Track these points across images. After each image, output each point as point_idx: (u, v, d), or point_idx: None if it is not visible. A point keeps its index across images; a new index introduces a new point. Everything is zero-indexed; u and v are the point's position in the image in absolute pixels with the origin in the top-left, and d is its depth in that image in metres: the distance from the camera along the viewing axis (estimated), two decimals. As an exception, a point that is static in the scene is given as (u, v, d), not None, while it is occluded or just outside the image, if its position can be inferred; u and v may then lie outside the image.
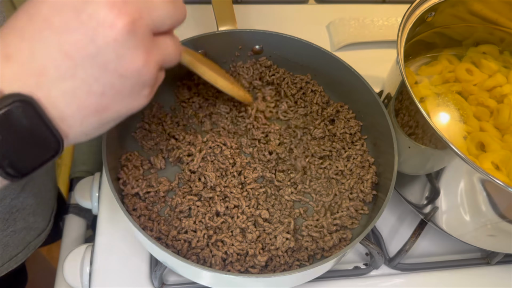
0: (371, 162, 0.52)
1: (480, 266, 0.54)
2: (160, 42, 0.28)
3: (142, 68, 0.26)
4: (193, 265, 0.37)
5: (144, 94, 0.28)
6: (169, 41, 0.29)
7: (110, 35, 0.24)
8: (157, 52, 0.27)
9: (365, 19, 0.74)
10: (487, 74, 0.55)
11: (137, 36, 0.25)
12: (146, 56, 0.26)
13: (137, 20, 0.25)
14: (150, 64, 0.26)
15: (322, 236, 0.47)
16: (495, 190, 0.39)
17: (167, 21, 0.27)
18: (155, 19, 0.26)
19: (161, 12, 0.27)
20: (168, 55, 0.29)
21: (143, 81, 0.27)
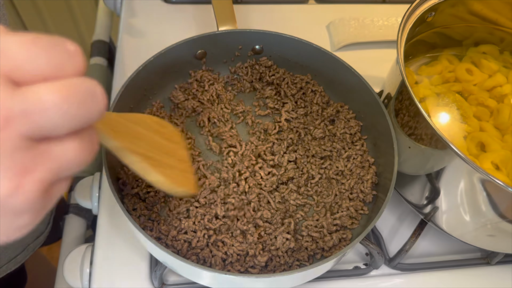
0: (371, 162, 0.52)
1: (480, 266, 0.54)
2: (52, 149, 0.20)
3: (8, 197, 0.18)
4: (193, 265, 0.37)
5: (21, 225, 0.20)
6: (70, 144, 0.20)
7: None
8: (43, 166, 0.19)
9: (365, 19, 0.74)
10: (487, 74, 0.55)
11: None
12: (15, 180, 0.18)
13: (3, 130, 0.17)
14: (24, 188, 0.19)
15: (322, 236, 0.47)
16: (495, 190, 0.39)
17: (63, 127, 0.19)
18: (38, 123, 0.18)
19: (52, 115, 0.18)
20: (67, 163, 0.20)
21: (15, 211, 0.19)
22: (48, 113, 0.18)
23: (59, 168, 0.20)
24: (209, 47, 0.55)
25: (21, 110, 0.18)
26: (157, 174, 0.33)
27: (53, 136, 0.19)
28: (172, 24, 0.71)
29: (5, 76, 0.18)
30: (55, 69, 0.19)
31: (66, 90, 0.19)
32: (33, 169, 0.19)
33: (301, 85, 0.57)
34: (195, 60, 0.56)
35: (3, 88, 0.17)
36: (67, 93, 0.19)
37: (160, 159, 0.35)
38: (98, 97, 0.20)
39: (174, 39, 0.52)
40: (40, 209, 0.20)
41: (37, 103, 0.18)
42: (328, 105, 0.56)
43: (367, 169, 0.51)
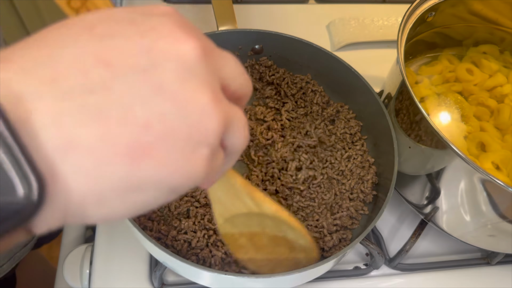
0: (371, 162, 0.51)
1: (480, 266, 0.54)
2: (229, 105, 0.21)
3: (207, 106, 0.18)
4: (193, 265, 0.37)
5: (200, 156, 0.18)
6: (238, 110, 0.22)
7: (175, 49, 0.18)
8: (226, 106, 0.20)
9: (365, 19, 0.74)
10: (488, 74, 0.55)
11: (206, 70, 0.19)
12: (214, 97, 0.19)
13: (208, 55, 0.19)
14: (217, 107, 0.19)
15: (322, 236, 0.47)
16: (495, 190, 0.39)
17: (237, 81, 0.22)
18: (225, 69, 0.21)
19: (233, 69, 0.22)
20: (237, 125, 0.21)
21: (205, 131, 0.18)
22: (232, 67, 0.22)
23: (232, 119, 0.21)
24: (209, 47, 0.55)
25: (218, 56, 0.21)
26: None
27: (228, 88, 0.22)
28: (172, 24, 0.71)
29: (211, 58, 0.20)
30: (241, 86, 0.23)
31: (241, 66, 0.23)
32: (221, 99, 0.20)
33: (301, 85, 0.57)
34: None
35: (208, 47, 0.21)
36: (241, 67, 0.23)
37: None
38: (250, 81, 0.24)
39: (174, 39, 0.52)
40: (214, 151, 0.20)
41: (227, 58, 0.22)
42: (328, 105, 0.56)
43: (367, 169, 0.51)
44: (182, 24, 0.19)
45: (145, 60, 0.17)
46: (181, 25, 0.19)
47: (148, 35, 0.17)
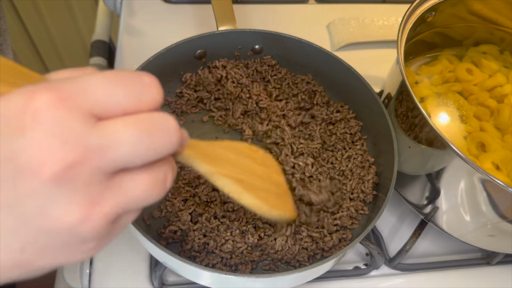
0: (371, 162, 0.51)
1: (480, 266, 0.54)
2: (123, 183, 0.20)
3: (76, 225, 0.19)
4: (193, 265, 0.37)
5: (86, 249, 0.21)
6: (141, 178, 0.21)
7: (30, 185, 0.18)
8: (114, 198, 0.20)
9: (365, 19, 0.74)
10: (488, 74, 0.55)
11: (72, 185, 0.19)
12: (85, 210, 0.19)
13: (78, 164, 0.18)
14: (92, 218, 0.19)
15: (322, 236, 0.47)
16: (495, 190, 0.39)
17: (137, 160, 0.20)
18: (114, 158, 0.19)
19: (127, 150, 0.19)
20: (136, 198, 0.21)
21: (81, 238, 0.20)
22: (123, 148, 0.19)
23: (126, 202, 0.21)
24: (209, 47, 0.55)
25: (98, 145, 0.19)
26: (251, 197, 0.33)
27: (128, 168, 0.20)
28: (172, 24, 0.71)
29: (87, 112, 0.19)
30: (133, 100, 0.20)
31: (140, 125, 0.20)
32: (101, 202, 0.20)
33: (302, 85, 0.57)
34: (195, 60, 0.56)
35: (83, 124, 0.18)
36: (140, 129, 0.20)
37: (253, 183, 0.34)
38: (170, 129, 0.21)
39: (174, 39, 0.52)
40: (104, 237, 0.21)
41: (113, 138, 0.19)
42: (328, 105, 0.56)
43: (367, 169, 0.51)
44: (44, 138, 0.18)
45: (10, 197, 0.18)
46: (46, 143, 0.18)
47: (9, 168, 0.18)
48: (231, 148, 0.35)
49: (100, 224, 0.20)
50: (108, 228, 0.20)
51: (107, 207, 0.20)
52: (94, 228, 0.20)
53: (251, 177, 0.35)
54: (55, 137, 0.18)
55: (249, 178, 0.34)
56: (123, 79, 0.20)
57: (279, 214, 0.36)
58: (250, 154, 0.37)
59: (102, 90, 0.19)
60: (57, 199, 0.19)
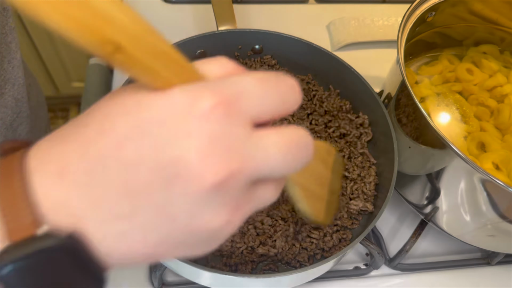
0: (371, 162, 0.51)
1: (480, 266, 0.54)
2: (258, 192, 0.22)
3: (221, 228, 0.20)
4: (193, 265, 0.37)
5: (214, 245, 0.22)
6: (271, 188, 0.22)
7: (189, 189, 0.18)
8: (250, 205, 0.21)
9: (365, 19, 0.74)
10: (488, 74, 0.55)
11: (227, 194, 0.19)
12: (231, 214, 0.20)
13: (236, 174, 0.19)
14: (234, 221, 0.21)
15: (322, 236, 0.46)
16: (495, 190, 0.39)
17: (278, 173, 0.21)
18: (263, 171, 0.20)
19: (274, 166, 0.20)
20: (263, 203, 0.22)
21: (220, 237, 0.21)
22: (273, 163, 0.20)
23: (257, 206, 0.22)
24: (209, 47, 0.55)
25: (254, 157, 0.19)
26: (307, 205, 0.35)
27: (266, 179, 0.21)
28: (172, 24, 0.71)
29: (247, 117, 0.19)
30: (280, 103, 0.21)
31: (290, 143, 0.20)
32: (243, 207, 0.21)
33: (302, 85, 0.57)
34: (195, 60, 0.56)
35: (244, 131, 0.19)
36: (290, 147, 0.20)
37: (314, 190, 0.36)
38: (309, 149, 0.22)
39: (174, 39, 0.52)
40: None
41: (267, 152, 0.20)
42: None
43: (367, 169, 0.51)
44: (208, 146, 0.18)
45: (161, 197, 0.19)
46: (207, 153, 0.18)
47: (167, 170, 0.18)
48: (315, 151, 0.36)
49: (237, 225, 0.21)
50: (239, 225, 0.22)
51: (246, 210, 0.21)
52: (232, 229, 0.21)
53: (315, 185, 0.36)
54: (219, 144, 0.18)
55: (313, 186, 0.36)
56: (272, 81, 0.20)
57: (321, 221, 0.38)
58: (325, 157, 0.39)
59: (257, 94, 0.20)
60: (211, 203, 0.19)
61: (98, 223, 0.19)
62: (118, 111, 0.19)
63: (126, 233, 0.20)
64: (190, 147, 0.18)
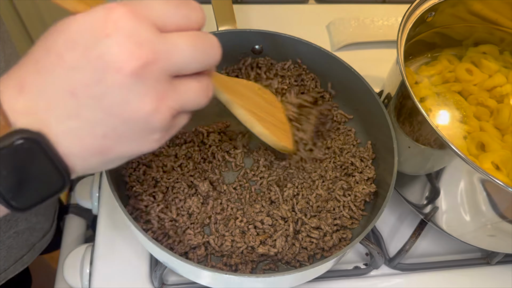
0: (371, 162, 0.51)
1: (480, 266, 0.54)
2: (180, 86, 0.26)
3: (150, 115, 0.24)
4: (193, 265, 0.37)
5: (153, 139, 0.26)
6: (193, 84, 0.26)
7: (115, 79, 0.23)
8: (174, 97, 0.25)
9: (365, 19, 0.74)
10: (487, 74, 0.55)
11: (147, 81, 0.23)
12: (156, 103, 0.24)
13: (151, 64, 0.23)
14: (161, 110, 0.25)
15: (322, 236, 0.47)
16: (495, 190, 0.39)
17: (191, 65, 0.25)
18: (176, 62, 0.24)
19: (185, 56, 0.25)
20: (189, 100, 0.26)
21: (152, 127, 0.25)
22: (183, 53, 0.25)
23: (183, 101, 0.26)
24: (209, 47, 0.55)
25: (164, 50, 0.24)
26: (262, 128, 0.39)
27: (183, 73, 0.25)
28: (172, 24, 0.71)
29: (153, 23, 0.24)
30: (184, 18, 0.25)
31: (196, 38, 0.25)
32: (167, 97, 0.25)
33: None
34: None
35: (151, 32, 0.23)
36: (196, 40, 0.25)
37: (263, 116, 0.40)
38: (216, 46, 0.26)
39: (174, 39, 0.52)
40: (167, 131, 0.27)
41: (176, 45, 0.24)
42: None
43: (367, 169, 0.51)
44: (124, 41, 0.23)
45: (97, 90, 0.23)
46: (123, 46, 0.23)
47: (97, 66, 0.23)
48: (247, 86, 0.41)
49: (166, 117, 0.25)
50: (170, 122, 0.26)
51: (171, 102, 0.25)
52: (161, 120, 0.25)
53: (262, 112, 0.41)
54: (132, 40, 0.23)
55: (260, 112, 0.40)
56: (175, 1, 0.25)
57: (284, 145, 0.42)
58: (260, 94, 0.43)
59: (161, 7, 0.24)
60: (135, 92, 0.23)
61: (54, 124, 0.24)
62: (55, 32, 0.24)
63: (77, 129, 0.24)
64: (111, 43, 0.23)
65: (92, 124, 0.24)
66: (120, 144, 0.26)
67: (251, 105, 0.39)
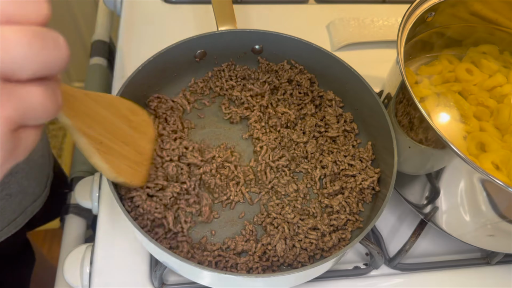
0: (371, 162, 0.51)
1: (480, 266, 0.54)
2: (18, 90, 0.20)
3: None
4: (193, 265, 0.37)
5: None
6: (35, 89, 0.21)
7: None
8: (10, 104, 0.20)
9: (365, 19, 0.74)
10: (487, 74, 0.55)
11: None
12: None
13: None
14: None
15: (320, 236, 0.46)
16: (495, 190, 0.39)
17: (27, 67, 0.20)
18: (4, 61, 0.19)
19: (17, 55, 0.19)
20: (32, 108, 0.21)
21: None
22: (13, 51, 0.19)
23: (24, 109, 0.21)
24: (209, 47, 0.55)
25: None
26: (99, 160, 0.34)
27: (18, 77, 0.20)
28: (172, 24, 0.71)
29: None
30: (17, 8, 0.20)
31: (30, 33, 0.20)
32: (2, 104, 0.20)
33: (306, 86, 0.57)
34: (195, 60, 0.56)
35: None
36: (30, 35, 0.20)
37: (112, 146, 0.35)
38: (60, 45, 0.21)
39: (174, 39, 0.52)
40: (11, 149, 0.21)
41: (5, 39, 0.19)
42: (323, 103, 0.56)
43: (367, 169, 0.51)
44: None
45: None
46: None
47: None
48: (110, 105, 0.36)
49: (3, 130, 0.20)
50: (11, 137, 0.21)
51: (6, 111, 0.20)
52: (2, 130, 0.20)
53: (114, 141, 0.36)
54: None
55: (110, 141, 0.35)
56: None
57: (125, 181, 0.38)
58: (127, 115, 0.39)
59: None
60: None
61: None
62: None
63: None
64: None
65: None
66: None
67: (102, 131, 0.34)
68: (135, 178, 0.40)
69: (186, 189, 0.46)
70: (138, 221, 0.44)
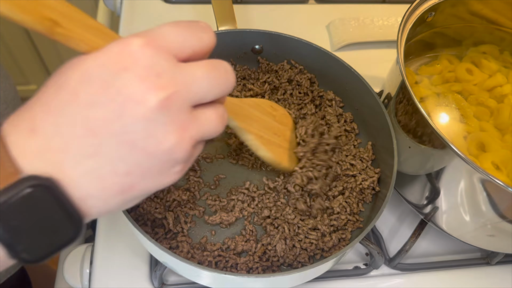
0: (371, 162, 0.51)
1: (480, 266, 0.54)
2: (200, 115, 0.25)
3: (174, 147, 0.24)
4: (193, 265, 0.37)
5: (175, 171, 0.26)
6: (211, 113, 0.26)
7: (138, 112, 0.22)
8: (195, 127, 0.25)
9: (365, 19, 0.74)
10: (487, 74, 0.55)
11: (170, 113, 0.23)
12: (180, 134, 0.24)
13: (173, 95, 0.23)
14: (184, 141, 0.24)
15: (320, 236, 0.46)
16: (495, 190, 0.39)
17: (209, 94, 0.25)
18: (196, 92, 0.24)
19: (203, 85, 0.24)
20: (208, 129, 0.26)
21: (175, 159, 0.25)
22: (202, 84, 0.24)
23: (203, 131, 0.25)
24: (209, 47, 0.55)
25: (184, 80, 0.24)
26: (266, 151, 0.41)
27: (201, 103, 0.25)
28: (172, 24, 0.71)
29: (169, 51, 0.24)
30: (199, 42, 0.25)
31: (212, 67, 0.25)
32: (189, 128, 0.24)
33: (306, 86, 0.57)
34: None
35: (169, 61, 0.23)
36: (213, 69, 0.25)
37: (269, 138, 0.42)
38: (230, 73, 0.26)
39: (174, 39, 0.52)
40: (187, 161, 0.26)
41: (194, 75, 0.24)
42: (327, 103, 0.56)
43: (367, 169, 0.51)
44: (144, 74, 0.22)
45: (118, 125, 0.22)
46: (143, 78, 0.22)
47: (117, 100, 0.22)
48: (257, 105, 0.42)
49: (188, 148, 0.25)
50: (191, 152, 0.25)
51: (193, 132, 0.25)
52: (184, 151, 0.24)
53: (269, 134, 0.42)
54: (152, 72, 0.22)
55: (268, 135, 0.42)
56: (185, 24, 0.25)
57: (285, 166, 0.44)
58: (271, 112, 0.45)
59: (175, 34, 0.24)
60: (159, 124, 0.23)
61: (70, 165, 0.23)
62: (68, 69, 0.23)
63: (97, 168, 0.23)
64: (129, 76, 0.22)
65: (114, 161, 0.23)
66: (143, 180, 0.25)
67: (259, 127, 0.40)
68: (291, 163, 0.45)
69: (192, 197, 0.47)
70: (138, 221, 0.44)
